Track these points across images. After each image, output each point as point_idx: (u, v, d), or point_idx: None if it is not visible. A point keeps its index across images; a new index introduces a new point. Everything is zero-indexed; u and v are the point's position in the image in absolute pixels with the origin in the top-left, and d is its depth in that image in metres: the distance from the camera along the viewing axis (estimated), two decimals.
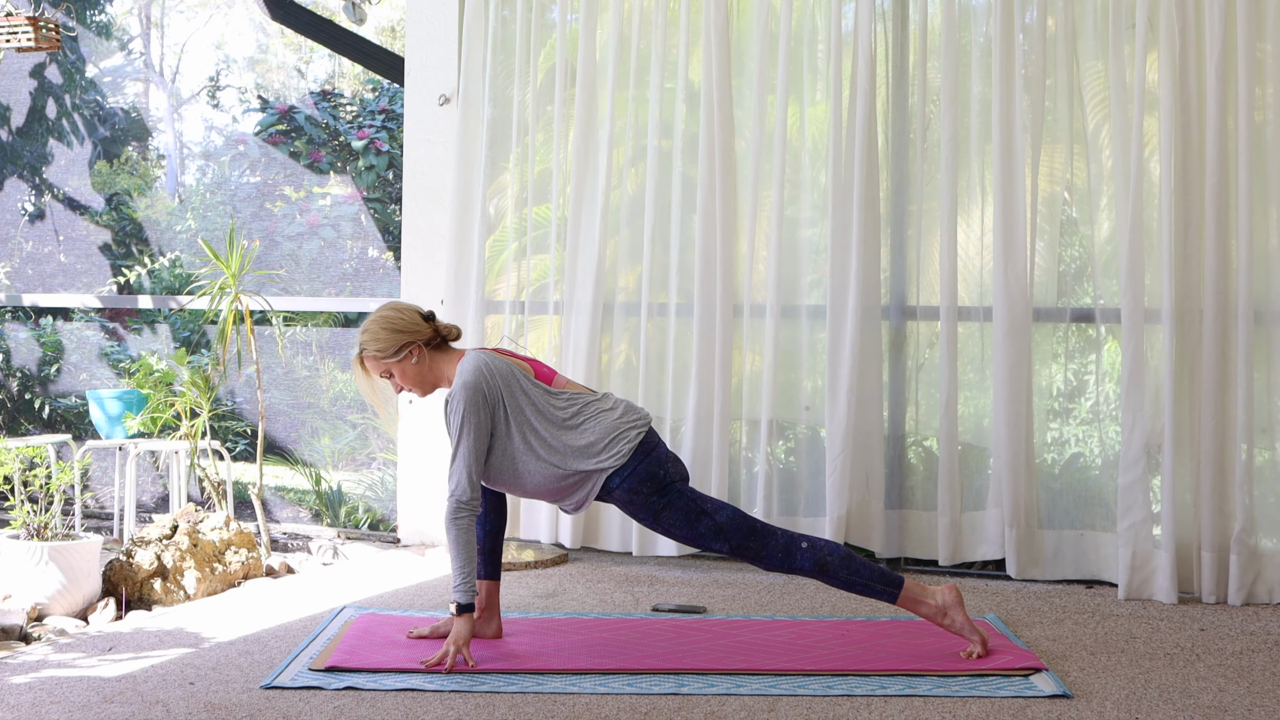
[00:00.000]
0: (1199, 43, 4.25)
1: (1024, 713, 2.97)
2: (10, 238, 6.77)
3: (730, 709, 2.97)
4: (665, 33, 4.80)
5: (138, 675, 3.23)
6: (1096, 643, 3.67)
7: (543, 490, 3.41)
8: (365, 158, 6.89)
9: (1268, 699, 3.11)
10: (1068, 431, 4.63)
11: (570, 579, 4.51)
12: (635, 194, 4.91)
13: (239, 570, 4.50)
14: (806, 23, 4.75)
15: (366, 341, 3.42)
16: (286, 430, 6.45)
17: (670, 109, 4.84)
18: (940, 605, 3.40)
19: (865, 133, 4.54)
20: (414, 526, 5.20)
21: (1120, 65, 4.34)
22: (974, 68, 4.57)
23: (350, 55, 6.42)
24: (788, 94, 4.70)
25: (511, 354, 3.53)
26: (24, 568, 4.07)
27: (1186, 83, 4.24)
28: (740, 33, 4.80)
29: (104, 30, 7.21)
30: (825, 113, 4.72)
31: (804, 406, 4.76)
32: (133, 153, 7.15)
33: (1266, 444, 4.29)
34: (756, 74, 4.69)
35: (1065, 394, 4.63)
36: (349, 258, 6.73)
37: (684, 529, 3.40)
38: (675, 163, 4.80)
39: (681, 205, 4.78)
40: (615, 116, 4.82)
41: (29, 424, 6.64)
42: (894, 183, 4.70)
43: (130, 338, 6.77)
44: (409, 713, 2.93)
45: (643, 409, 3.49)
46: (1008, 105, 4.44)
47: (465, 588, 3.26)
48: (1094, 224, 4.48)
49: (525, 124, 5.00)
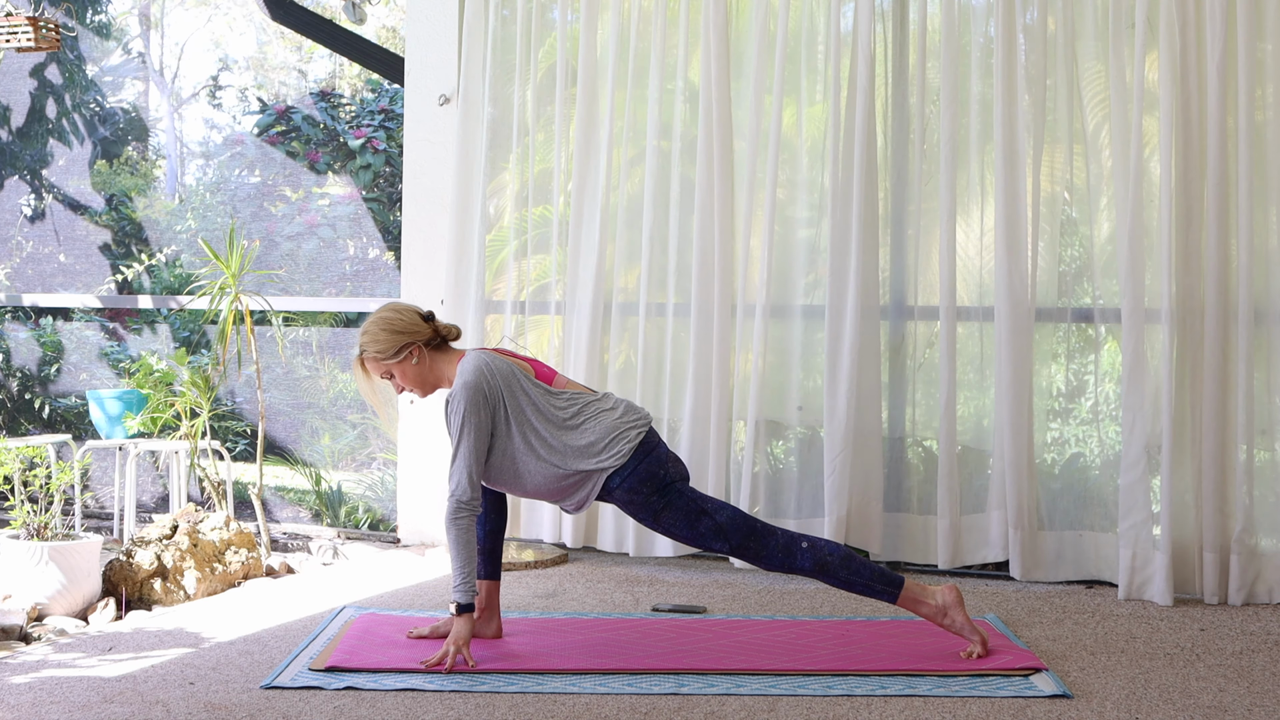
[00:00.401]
0: (1199, 42, 4.25)
1: (1024, 713, 2.97)
2: (10, 238, 6.77)
3: (730, 709, 2.97)
4: (665, 33, 4.79)
5: (138, 675, 3.23)
6: (1096, 643, 3.67)
7: (543, 490, 3.41)
8: (362, 157, 6.89)
9: (1268, 699, 3.11)
10: (1068, 432, 4.62)
11: (570, 579, 4.51)
12: (635, 194, 4.91)
13: (239, 570, 4.50)
14: (806, 23, 4.75)
15: (366, 343, 3.41)
16: (286, 430, 6.45)
17: (669, 109, 4.84)
18: (940, 605, 3.40)
19: (864, 133, 4.53)
20: (414, 526, 5.20)
21: (1120, 65, 4.34)
22: (974, 68, 4.57)
23: (350, 55, 6.42)
24: (787, 94, 4.70)
25: (512, 354, 3.53)
26: (24, 568, 4.07)
27: (1187, 82, 4.23)
28: (739, 33, 4.80)
29: (104, 30, 7.21)
30: (824, 113, 4.72)
31: (797, 406, 4.73)
32: (133, 153, 7.15)
33: (1266, 444, 4.28)
34: (755, 74, 4.69)
35: (1065, 394, 4.63)
36: (347, 258, 6.73)
37: (684, 529, 3.40)
38: (674, 163, 4.80)
39: (680, 205, 4.78)
40: (615, 116, 4.82)
41: (29, 424, 6.64)
42: (893, 183, 4.69)
43: (130, 338, 6.77)
44: (409, 713, 2.93)
45: (643, 409, 3.49)
46: (1007, 105, 4.44)
47: (465, 588, 3.26)
48: (1094, 224, 4.48)
49: (525, 124, 5.00)
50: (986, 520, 4.53)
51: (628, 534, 4.77)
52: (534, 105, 4.98)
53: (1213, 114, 4.20)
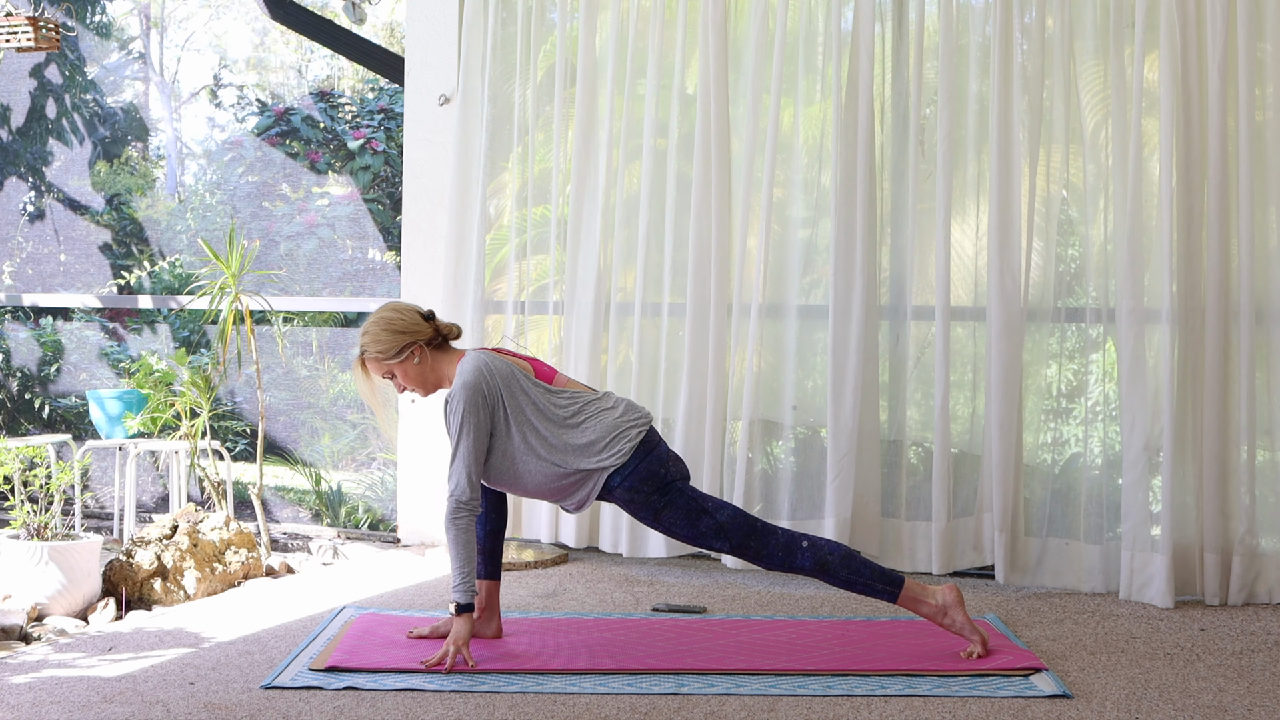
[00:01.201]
0: (1199, 42, 4.24)
1: (1024, 713, 2.97)
2: (10, 238, 6.77)
3: (730, 709, 2.97)
4: (664, 33, 4.79)
5: (138, 675, 3.23)
6: (1096, 643, 3.67)
7: (543, 490, 3.41)
8: (361, 157, 6.89)
9: (1268, 699, 3.11)
10: (1067, 432, 4.62)
11: (570, 579, 4.51)
12: (633, 194, 4.91)
13: (239, 570, 4.50)
14: (805, 23, 4.75)
15: (367, 343, 3.41)
16: (286, 430, 6.45)
17: (668, 109, 4.84)
18: (941, 605, 3.40)
19: (863, 133, 4.53)
20: (414, 526, 5.20)
21: (1120, 65, 4.34)
22: (972, 68, 4.57)
23: (350, 55, 6.42)
24: (786, 94, 4.70)
25: (512, 353, 3.53)
26: (24, 568, 4.07)
27: (1187, 82, 4.23)
28: (738, 32, 4.80)
29: (104, 30, 7.21)
30: (822, 112, 4.72)
31: (791, 405, 4.72)
32: (133, 153, 7.15)
33: (1267, 445, 4.28)
34: (754, 74, 4.68)
35: (1064, 394, 4.62)
36: (347, 257, 6.73)
37: (685, 528, 3.40)
38: (671, 163, 4.80)
39: (677, 205, 4.78)
40: (614, 116, 4.82)
41: (29, 424, 6.64)
42: (892, 183, 4.69)
43: (130, 338, 6.77)
44: (409, 713, 2.93)
45: (643, 408, 3.49)
46: (1006, 105, 4.44)
47: (465, 588, 3.26)
48: (1093, 224, 4.48)
49: (525, 124, 5.00)
50: (976, 524, 4.52)
51: (622, 535, 4.76)
52: (534, 105, 4.98)
53: (1213, 114, 4.20)
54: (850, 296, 4.56)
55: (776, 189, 4.70)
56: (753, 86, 4.69)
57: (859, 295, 4.54)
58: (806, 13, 4.74)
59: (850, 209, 4.56)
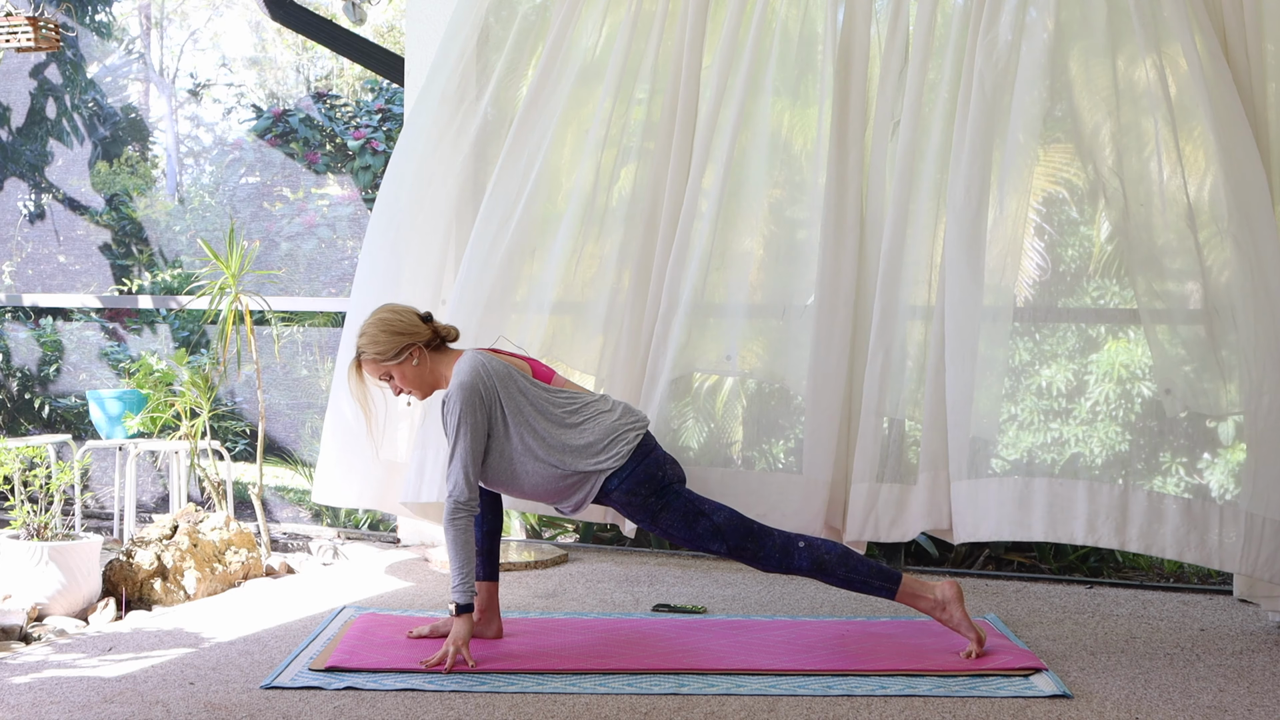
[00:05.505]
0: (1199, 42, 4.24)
1: (1024, 713, 2.97)
2: (10, 238, 6.78)
3: (730, 709, 2.97)
4: (662, 33, 4.79)
5: (138, 675, 3.23)
6: (1096, 643, 3.67)
7: (541, 491, 3.41)
8: (361, 158, 6.89)
9: (1268, 699, 3.11)
10: (1068, 432, 4.61)
11: (570, 579, 4.51)
12: (632, 193, 4.91)
13: (239, 570, 4.50)
14: (804, 23, 4.74)
15: (365, 345, 3.41)
16: (286, 430, 6.46)
17: (665, 109, 4.83)
18: (939, 599, 3.40)
19: (861, 133, 4.53)
20: (414, 526, 5.20)
21: (1120, 65, 4.33)
22: (971, 67, 4.56)
23: (350, 55, 6.42)
24: (784, 94, 4.70)
25: (509, 354, 3.53)
26: (24, 568, 4.07)
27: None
28: (738, 32, 4.80)
29: (104, 30, 7.22)
30: (819, 113, 4.71)
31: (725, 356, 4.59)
32: (132, 153, 7.15)
33: None
34: (752, 73, 4.68)
35: (1065, 394, 4.62)
36: (347, 258, 6.73)
37: (682, 530, 3.40)
38: (670, 162, 4.79)
39: (674, 205, 4.78)
40: (613, 116, 4.82)
41: (29, 424, 6.64)
42: (891, 182, 4.68)
43: (130, 338, 6.77)
44: (409, 713, 2.93)
45: (641, 411, 3.50)
46: (1006, 105, 4.43)
47: (464, 588, 3.26)
48: (1094, 224, 4.47)
49: (524, 123, 4.99)
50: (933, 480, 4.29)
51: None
52: (532, 104, 4.97)
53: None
54: (836, 296, 4.52)
55: (775, 188, 4.68)
56: (750, 86, 4.68)
57: (847, 294, 4.51)
58: (805, 13, 4.73)
59: (841, 209, 4.55)
